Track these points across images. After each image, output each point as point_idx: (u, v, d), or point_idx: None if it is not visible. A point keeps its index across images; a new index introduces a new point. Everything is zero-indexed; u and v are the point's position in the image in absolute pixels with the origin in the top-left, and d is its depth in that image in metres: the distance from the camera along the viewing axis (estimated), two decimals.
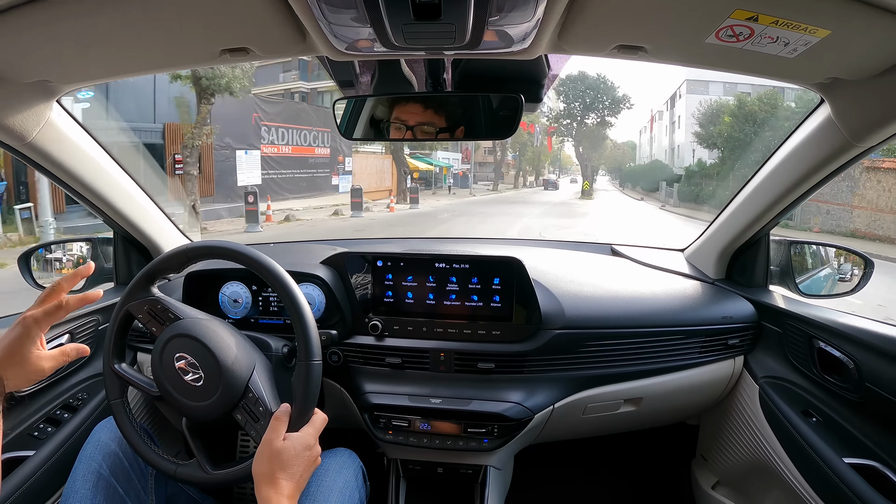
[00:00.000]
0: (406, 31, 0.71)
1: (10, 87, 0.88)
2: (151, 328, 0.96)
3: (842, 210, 12.23)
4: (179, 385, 0.91)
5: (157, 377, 0.93)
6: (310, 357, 0.90)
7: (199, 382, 0.90)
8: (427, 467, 1.28)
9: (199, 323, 0.94)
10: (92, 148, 1.17)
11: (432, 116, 1.08)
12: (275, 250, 1.54)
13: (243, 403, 0.90)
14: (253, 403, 0.90)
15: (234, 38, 0.78)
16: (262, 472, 0.81)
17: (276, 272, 0.92)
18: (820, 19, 0.64)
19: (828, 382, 1.12)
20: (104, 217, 1.32)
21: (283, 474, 0.81)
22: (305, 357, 0.90)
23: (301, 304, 0.91)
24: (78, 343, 0.94)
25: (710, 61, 0.82)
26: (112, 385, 0.97)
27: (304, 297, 0.93)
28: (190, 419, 0.95)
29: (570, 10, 0.67)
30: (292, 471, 0.82)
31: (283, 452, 0.82)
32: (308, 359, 0.89)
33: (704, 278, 1.44)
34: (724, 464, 1.43)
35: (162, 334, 0.94)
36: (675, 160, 32.05)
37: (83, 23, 0.71)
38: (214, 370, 0.89)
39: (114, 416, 0.96)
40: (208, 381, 0.89)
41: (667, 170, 29.50)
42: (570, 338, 1.21)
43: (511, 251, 1.23)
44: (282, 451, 0.82)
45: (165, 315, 0.95)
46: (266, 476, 0.81)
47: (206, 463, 0.92)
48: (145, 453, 0.94)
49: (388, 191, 21.04)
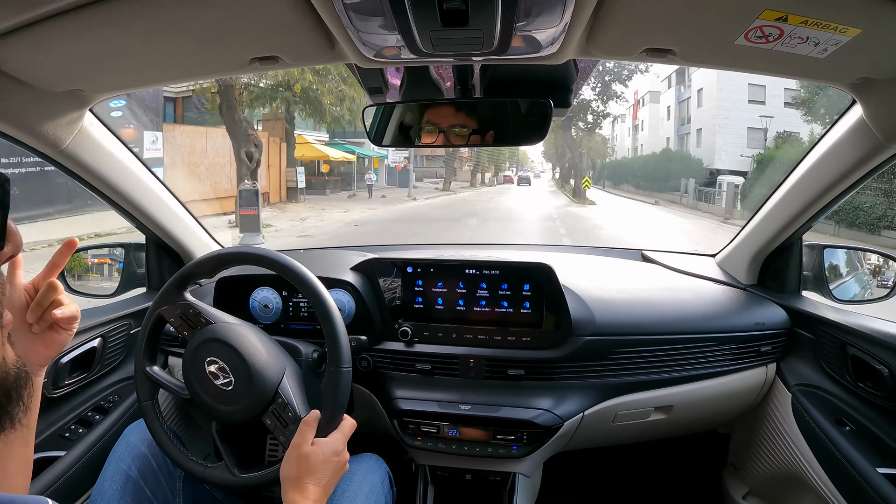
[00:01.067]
0: (434, 38, 0.71)
1: (44, 97, 0.90)
2: (183, 332, 0.97)
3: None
4: (210, 389, 0.92)
5: (188, 380, 0.94)
6: (340, 364, 0.90)
7: (229, 387, 0.90)
8: (455, 474, 1.28)
9: (231, 328, 0.95)
10: (124, 155, 1.19)
11: (462, 121, 1.08)
12: (305, 256, 1.55)
13: (273, 408, 0.91)
14: (282, 408, 0.91)
15: (263, 47, 0.78)
16: (289, 476, 0.82)
17: (306, 278, 0.93)
18: (850, 18, 0.63)
19: (861, 390, 1.10)
20: (136, 223, 1.34)
21: (311, 479, 0.81)
22: (335, 364, 0.90)
23: (332, 311, 0.92)
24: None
25: (740, 63, 0.81)
26: (143, 387, 0.98)
27: (334, 303, 0.93)
28: (220, 423, 0.96)
29: (598, 14, 0.67)
30: (319, 475, 0.82)
31: (310, 457, 0.82)
32: (338, 365, 0.90)
33: (736, 284, 1.42)
34: (756, 473, 1.40)
35: (193, 338, 0.95)
36: (693, 149, 24.53)
37: (115, 33, 0.72)
38: (245, 375, 0.90)
39: (144, 418, 0.98)
40: (238, 386, 0.90)
41: (689, 162, 22.58)
42: (600, 344, 1.20)
43: (541, 257, 1.23)
44: (310, 455, 0.83)
45: (197, 319, 0.97)
46: (293, 480, 0.81)
47: (234, 466, 0.93)
48: (174, 455, 0.95)
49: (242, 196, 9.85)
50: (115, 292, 1.40)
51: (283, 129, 15.52)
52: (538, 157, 63.94)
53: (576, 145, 25.50)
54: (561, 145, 29.92)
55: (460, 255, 1.26)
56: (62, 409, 1.17)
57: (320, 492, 0.81)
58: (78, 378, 1.20)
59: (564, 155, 30.52)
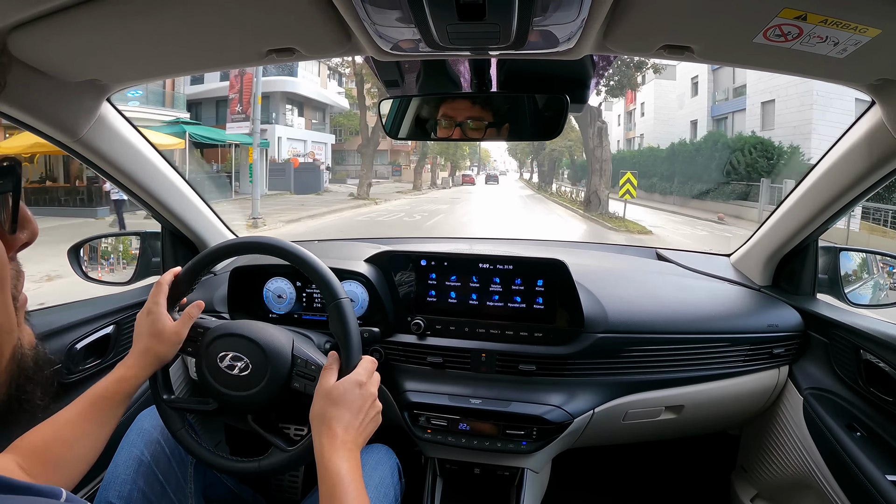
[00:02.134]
0: (450, 32, 0.71)
1: (61, 86, 0.91)
2: (188, 349, 0.96)
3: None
4: (231, 382, 0.91)
5: (209, 387, 0.93)
6: (336, 296, 0.90)
7: (247, 370, 0.90)
8: (464, 467, 1.28)
9: (226, 322, 0.96)
10: (141, 144, 1.21)
11: (478, 115, 1.08)
12: (319, 247, 1.56)
13: (296, 371, 0.92)
14: (304, 367, 0.92)
15: (280, 39, 0.79)
16: (316, 414, 0.81)
17: (304, 257, 0.93)
18: (870, 18, 0.63)
19: (874, 396, 1.09)
20: (152, 212, 1.35)
21: (336, 413, 0.79)
22: (332, 298, 0.90)
23: (314, 261, 0.92)
24: (190, 304, 0.97)
25: (758, 61, 0.81)
26: (170, 418, 0.95)
27: (321, 262, 0.93)
28: (253, 412, 0.94)
29: (616, 11, 0.67)
30: (344, 410, 0.80)
31: (333, 390, 0.82)
32: (335, 298, 0.90)
33: (751, 285, 1.41)
34: (765, 476, 1.39)
35: (198, 349, 0.94)
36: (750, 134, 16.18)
37: (133, 24, 0.72)
38: (258, 353, 0.90)
39: (182, 446, 0.95)
40: (257, 366, 0.90)
41: (770, 151, 14.64)
42: (612, 342, 1.19)
43: (555, 253, 1.22)
44: (332, 389, 0.82)
45: (195, 332, 0.96)
46: (319, 418, 0.80)
47: (284, 444, 0.91)
48: (223, 465, 0.93)
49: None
50: (131, 280, 1.41)
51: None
52: (502, 154, 60.76)
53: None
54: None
55: (474, 250, 1.26)
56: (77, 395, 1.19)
57: (350, 436, 0.79)
58: (93, 364, 1.21)
59: (542, 149, 25.56)
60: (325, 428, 0.79)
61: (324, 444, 0.77)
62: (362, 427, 0.82)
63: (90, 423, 0.82)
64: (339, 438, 0.78)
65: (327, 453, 0.76)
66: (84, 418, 0.82)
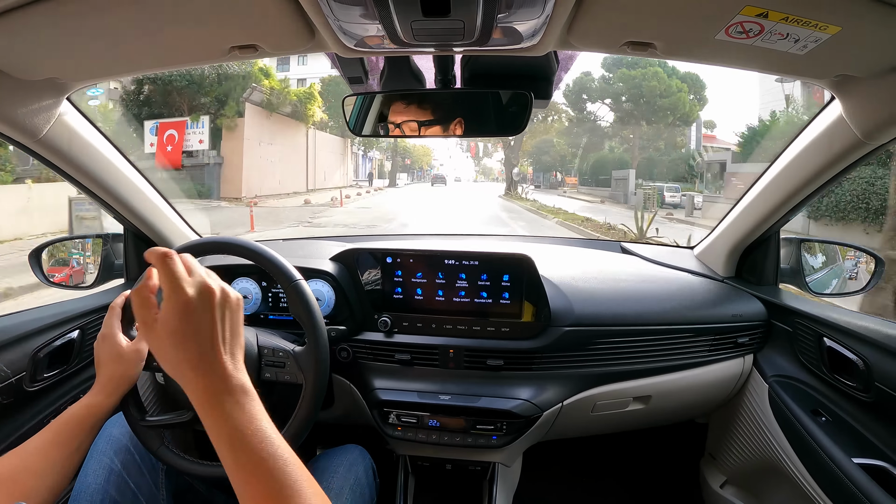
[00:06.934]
0: (415, 28, 0.71)
1: (19, 86, 0.88)
2: (152, 363, 0.92)
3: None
4: None
5: (181, 397, 0.88)
6: (291, 279, 0.93)
7: None
8: (436, 464, 1.29)
9: None
10: (102, 144, 1.17)
11: (442, 112, 1.08)
12: (284, 247, 1.54)
13: (264, 361, 0.94)
14: (271, 355, 0.94)
15: (243, 36, 0.77)
16: (165, 368, 0.59)
17: (256, 249, 0.95)
18: (830, 16, 0.64)
19: (837, 382, 1.12)
20: (114, 213, 1.32)
21: (175, 353, 0.57)
22: (287, 281, 0.93)
23: (264, 250, 0.95)
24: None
25: (721, 58, 0.82)
26: (147, 437, 0.92)
27: (272, 251, 0.95)
28: None
29: (579, 7, 0.67)
30: (182, 339, 0.57)
31: (151, 329, 0.58)
32: (291, 281, 0.93)
33: (714, 276, 1.44)
34: (733, 463, 1.42)
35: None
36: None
37: (92, 21, 0.70)
38: None
39: (165, 464, 0.94)
40: None
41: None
42: (579, 335, 1.20)
43: (521, 248, 1.23)
44: (150, 328, 0.58)
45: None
46: (170, 370, 0.58)
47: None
48: (215, 474, 0.91)
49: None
50: (94, 284, 1.38)
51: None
52: (454, 150, 49.07)
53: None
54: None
55: (441, 246, 1.26)
56: (41, 404, 1.15)
57: (216, 368, 0.57)
58: (56, 371, 1.18)
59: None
60: (180, 378, 0.57)
61: (196, 404, 0.56)
62: (224, 341, 0.59)
63: (59, 451, 0.77)
64: (203, 381, 0.56)
65: (205, 412, 0.55)
66: (53, 445, 0.78)
